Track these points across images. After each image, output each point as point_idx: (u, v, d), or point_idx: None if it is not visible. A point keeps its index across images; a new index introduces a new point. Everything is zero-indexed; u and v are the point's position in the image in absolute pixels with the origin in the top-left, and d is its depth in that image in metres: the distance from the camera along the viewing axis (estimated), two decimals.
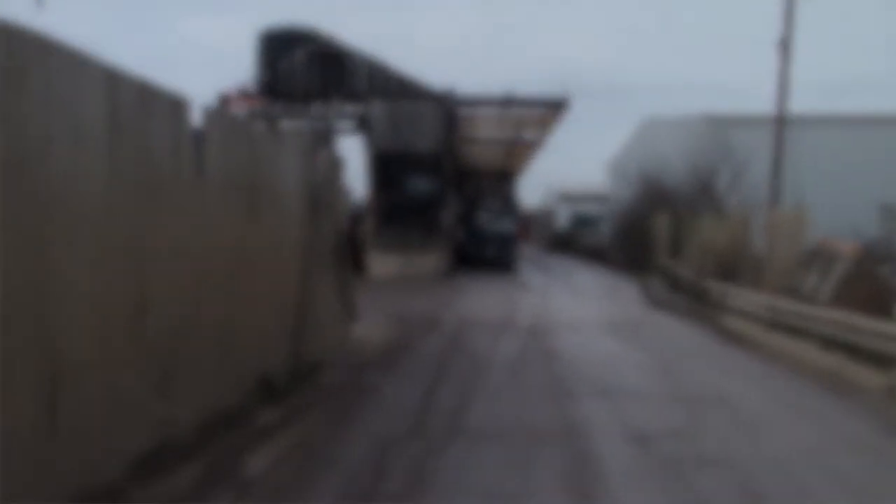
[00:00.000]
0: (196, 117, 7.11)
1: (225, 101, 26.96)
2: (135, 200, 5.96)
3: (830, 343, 11.96)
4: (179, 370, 6.77)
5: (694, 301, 19.82)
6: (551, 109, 30.30)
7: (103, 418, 5.62)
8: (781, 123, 25.37)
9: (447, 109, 29.37)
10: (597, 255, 43.08)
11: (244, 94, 27.68)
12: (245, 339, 8.26)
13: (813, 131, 31.06)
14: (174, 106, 6.50)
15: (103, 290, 5.58)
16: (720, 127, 32.66)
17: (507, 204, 36.47)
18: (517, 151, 39.12)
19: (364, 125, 28.91)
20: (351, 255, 14.95)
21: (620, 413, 8.82)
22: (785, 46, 25.11)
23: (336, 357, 11.30)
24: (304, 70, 28.46)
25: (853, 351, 11.31)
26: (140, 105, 5.94)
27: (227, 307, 7.79)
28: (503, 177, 42.36)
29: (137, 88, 5.90)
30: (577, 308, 20.02)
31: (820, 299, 14.46)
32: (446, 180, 29.92)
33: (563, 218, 63.10)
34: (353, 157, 30.23)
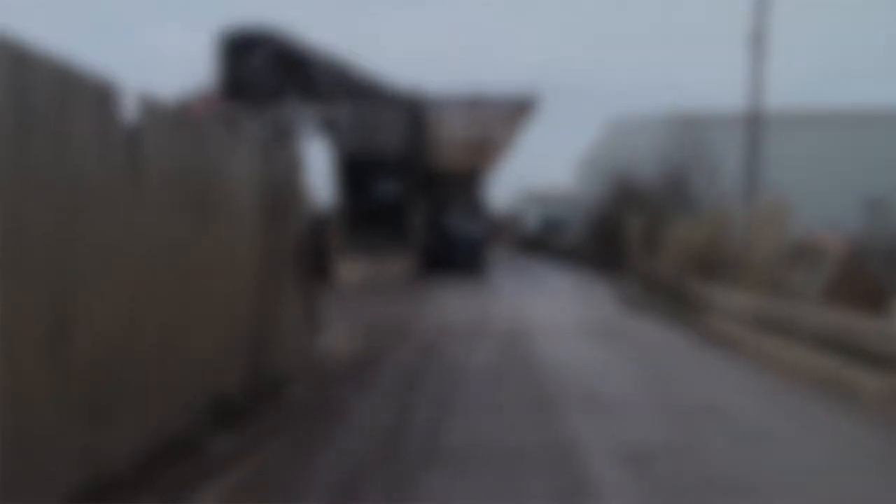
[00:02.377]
0: (132, 109, 6.30)
1: (185, 104, 26.02)
2: (53, 204, 5.12)
3: (824, 344, 11.31)
4: (114, 394, 5.94)
5: (673, 301, 19.19)
6: (520, 109, 29.74)
7: (15, 455, 4.77)
8: (756, 119, 24.86)
9: (414, 111, 28.66)
10: (569, 257, 42.50)
11: (205, 97, 26.77)
12: (195, 356, 7.42)
13: (788, 128, 30.64)
14: (101, 95, 5.66)
15: (13, 308, 4.74)
16: (691, 125, 32.18)
17: (477, 206, 35.72)
18: (486, 152, 38.38)
19: (330, 127, 28.10)
20: (316, 261, 14.13)
21: (610, 427, 8.08)
22: (758, 40, 24.60)
23: (300, 372, 10.47)
24: (266, 72, 27.61)
25: (849, 352, 10.66)
26: (57, 94, 5.10)
27: (172, 321, 6.96)
28: (472, 178, 41.53)
29: (54, 74, 5.07)
30: (553, 312, 19.31)
31: (809, 297, 13.84)
32: (414, 183, 29.18)
33: (533, 219, 62.55)
34: (319, 160, 29.36)
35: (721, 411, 8.86)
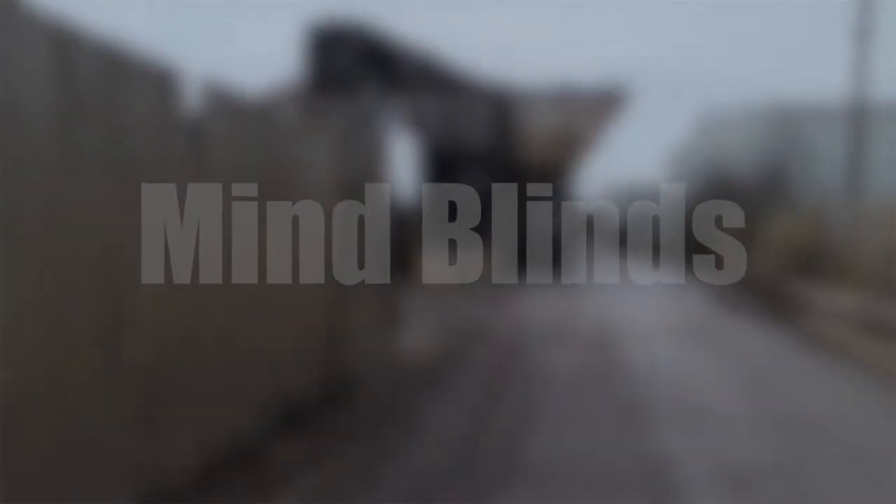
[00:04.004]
0: (195, 98, 5.93)
1: (270, 98, 25.97)
2: (104, 196, 4.76)
3: None
4: (173, 400, 5.57)
5: (770, 302, 18.24)
6: (610, 102, 28.96)
7: (60, 470, 4.42)
8: (860, 111, 23.57)
9: (500, 104, 28.11)
10: (657, 253, 41.33)
11: (291, 92, 26.70)
12: (263, 359, 7.04)
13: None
14: (157, 81, 5.28)
15: (60, 309, 4.38)
16: (789, 118, 30.83)
17: (565, 202, 34.88)
18: (575, 146, 37.58)
19: (415, 121, 27.76)
20: (398, 258, 13.72)
21: (707, 442, 7.41)
22: (862, 24, 23.31)
23: (376, 374, 10.04)
24: (351, 65, 27.39)
25: None
26: (106, 76, 4.73)
27: (238, 321, 6.59)
28: (560, 173, 40.71)
29: (102, 55, 4.69)
30: (643, 312, 18.52)
31: None
32: (500, 178, 28.60)
33: (623, 215, 61.25)
34: (404, 154, 29.03)
35: (832, 427, 8.08)
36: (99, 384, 4.76)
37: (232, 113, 6.53)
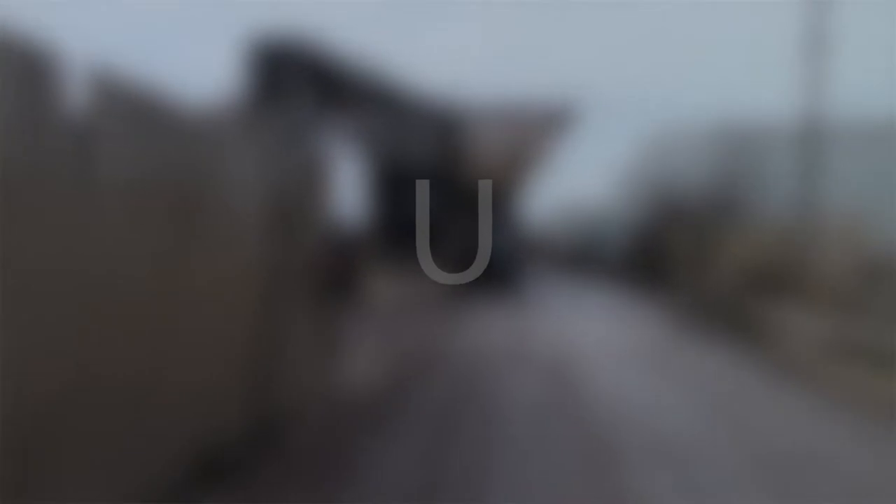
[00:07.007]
0: (84, 92, 4.94)
1: (207, 113, 24.91)
2: None
3: None
4: (61, 455, 4.56)
5: (730, 325, 17.61)
6: (558, 119, 28.53)
7: None
8: (813, 130, 23.21)
9: (448, 121, 27.44)
10: (609, 274, 40.94)
11: (228, 107, 25.64)
12: (175, 400, 6.02)
13: (857, 141, 28.50)
14: (30, 66, 4.29)
15: None
16: (744, 137, 30.46)
17: (510, 220, 34.22)
18: (521, 164, 37.02)
19: (359, 139, 26.93)
20: (341, 280, 12.86)
21: (688, 487, 6.58)
22: (815, 39, 22.98)
23: (311, 411, 9.04)
24: (293, 81, 26.46)
25: None
26: None
27: (144, 358, 5.57)
28: (506, 191, 40.09)
29: None
30: (599, 336, 17.73)
31: None
32: (447, 197, 27.85)
33: (572, 236, 60.98)
34: (348, 173, 28.14)
35: (824, 465, 7.28)
36: None
37: (134, 113, 5.54)
